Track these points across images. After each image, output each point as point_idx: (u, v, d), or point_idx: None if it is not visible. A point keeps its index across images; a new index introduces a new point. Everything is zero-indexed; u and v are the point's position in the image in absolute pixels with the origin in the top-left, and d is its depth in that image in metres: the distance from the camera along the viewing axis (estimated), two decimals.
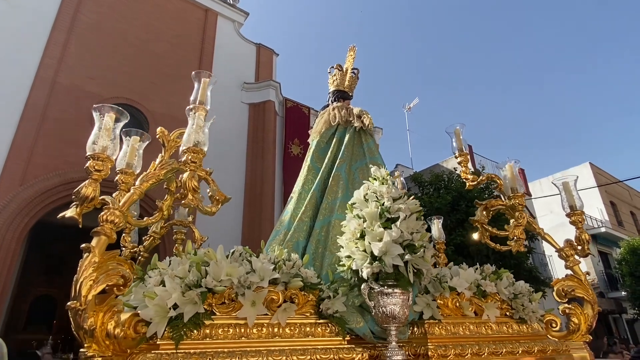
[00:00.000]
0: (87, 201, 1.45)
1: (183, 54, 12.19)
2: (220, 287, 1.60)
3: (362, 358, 1.76)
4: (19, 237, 8.66)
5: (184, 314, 1.50)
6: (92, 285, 1.32)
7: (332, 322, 1.83)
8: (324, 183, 2.90)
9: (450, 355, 1.93)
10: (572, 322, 2.28)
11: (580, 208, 2.37)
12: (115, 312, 1.38)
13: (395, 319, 1.78)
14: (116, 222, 1.44)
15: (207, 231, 3.22)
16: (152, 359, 1.40)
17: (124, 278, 1.38)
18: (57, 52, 10.10)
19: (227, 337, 1.57)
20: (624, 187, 24.23)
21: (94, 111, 1.65)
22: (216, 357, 1.47)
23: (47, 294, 14.88)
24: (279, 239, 2.66)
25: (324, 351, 1.69)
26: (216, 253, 1.73)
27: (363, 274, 1.82)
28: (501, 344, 2.13)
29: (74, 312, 1.32)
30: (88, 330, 1.32)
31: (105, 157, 1.56)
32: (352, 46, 3.85)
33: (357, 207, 2.00)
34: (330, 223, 2.61)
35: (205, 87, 1.98)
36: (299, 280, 1.82)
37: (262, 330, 1.64)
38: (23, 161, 8.81)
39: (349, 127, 3.27)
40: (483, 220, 2.62)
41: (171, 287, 1.54)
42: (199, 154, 1.72)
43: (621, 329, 19.40)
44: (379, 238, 1.80)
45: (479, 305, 2.27)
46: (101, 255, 1.38)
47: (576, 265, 2.33)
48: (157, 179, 1.68)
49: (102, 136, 1.58)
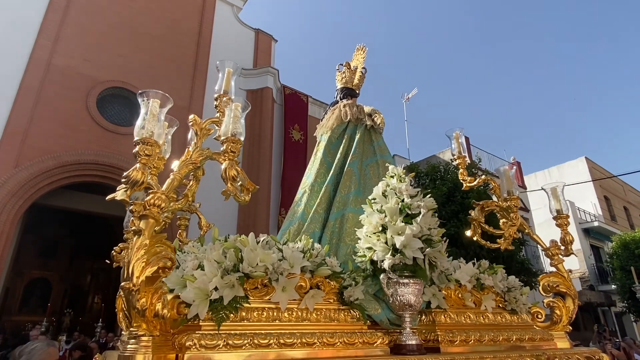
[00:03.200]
0: (137, 185, 1.48)
1: (180, 37, 12.04)
2: (257, 272, 1.70)
3: (383, 342, 1.88)
4: (13, 220, 8.63)
5: (224, 297, 1.59)
6: (145, 267, 1.37)
7: (352, 308, 1.96)
8: (336, 178, 3.04)
9: (457, 341, 2.09)
10: (555, 314, 2.52)
11: (566, 212, 2.63)
12: (162, 294, 1.44)
13: (411, 307, 1.94)
14: (162, 206, 1.48)
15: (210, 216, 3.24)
16: (198, 339, 1.48)
17: (171, 260, 1.43)
18: (52, 33, 9.93)
19: (261, 319, 1.68)
20: (618, 182, 24.46)
21: (139, 96, 1.68)
22: (255, 337, 1.57)
23: (42, 276, 14.92)
24: (293, 228, 2.79)
25: (350, 335, 1.81)
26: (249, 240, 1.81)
27: (384, 265, 1.95)
28: (498, 331, 2.30)
29: (127, 292, 1.38)
30: (140, 310, 1.38)
31: (154, 142, 1.56)
32: (362, 46, 3.96)
33: (377, 202, 2.12)
34: (344, 216, 2.75)
35: (229, 77, 2.00)
36: (327, 268, 1.94)
37: (292, 314, 1.76)
38: (17, 143, 8.72)
39: (360, 124, 3.39)
40: (480, 219, 2.77)
41: (210, 271, 1.62)
42: (237, 144, 1.78)
43: (610, 322, 19.79)
44: (400, 232, 1.93)
45: (477, 296, 2.47)
46: (150, 238, 1.43)
47: (560, 263, 2.55)
48: (194, 166, 1.72)
49: (149, 121, 1.60)
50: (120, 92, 10.70)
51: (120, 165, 9.79)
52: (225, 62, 2.04)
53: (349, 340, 1.78)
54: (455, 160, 2.80)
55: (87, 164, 9.49)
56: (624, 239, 17.15)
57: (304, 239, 2.06)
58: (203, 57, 12.11)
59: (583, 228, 20.20)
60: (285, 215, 11.53)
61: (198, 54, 12.08)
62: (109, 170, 9.78)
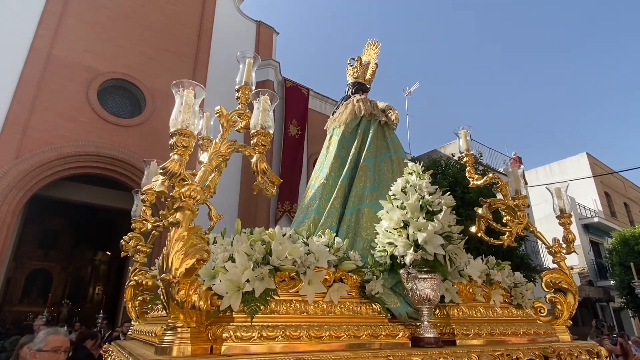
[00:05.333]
0: (175, 177, 1.47)
1: (182, 29, 11.96)
2: (286, 266, 1.73)
3: (404, 335, 1.93)
4: (14, 211, 8.64)
5: (255, 289, 1.61)
6: (184, 258, 1.38)
7: (373, 302, 2.00)
8: (351, 172, 3.08)
9: (471, 334, 2.16)
10: (557, 309, 2.65)
11: (569, 212, 2.73)
12: (198, 285, 1.46)
13: (430, 301, 2.00)
14: (197, 198, 1.48)
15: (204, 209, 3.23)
16: (234, 330, 1.51)
17: (207, 252, 1.44)
18: (53, 24, 9.86)
19: (289, 312, 1.71)
20: (619, 178, 24.43)
21: (174, 87, 1.65)
22: (287, 329, 1.60)
23: (43, 267, 14.98)
24: (309, 220, 2.83)
25: (374, 328, 1.85)
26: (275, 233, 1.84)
27: (406, 260, 2.00)
28: (507, 325, 2.38)
29: (167, 284, 1.39)
30: (180, 302, 1.39)
31: (190, 133, 1.54)
32: (375, 41, 3.95)
33: (398, 198, 2.16)
34: (360, 210, 2.79)
35: (250, 68, 1.98)
36: (352, 262, 1.98)
37: (317, 307, 1.80)
38: (18, 134, 8.70)
39: (373, 120, 3.42)
40: (488, 216, 2.82)
41: (241, 263, 1.65)
42: (268, 137, 1.78)
43: (608, 317, 19.90)
44: (422, 228, 1.98)
45: (486, 291, 2.55)
46: (188, 230, 1.43)
47: (562, 260, 2.64)
48: (224, 158, 1.72)
49: (185, 111, 1.58)
50: (121, 83, 10.66)
51: (121, 157, 9.79)
52: (246, 52, 2.00)
53: (373, 333, 1.82)
54: (462, 158, 2.86)
55: (88, 156, 9.47)
56: (623, 235, 17.17)
57: (327, 233, 2.09)
58: (204, 49, 12.05)
59: (583, 224, 20.23)
60: (283, 209, 11.58)
61: (199, 45, 12.02)
62: (109, 162, 9.78)
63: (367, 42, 4.02)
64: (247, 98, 1.92)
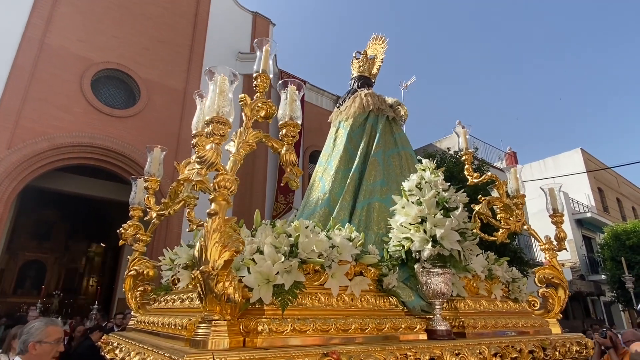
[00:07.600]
0: (212, 166, 1.45)
1: (177, 19, 11.83)
2: (314, 259, 1.74)
3: (421, 327, 1.98)
4: (7, 201, 8.56)
5: (285, 282, 1.63)
6: (222, 250, 1.38)
7: (389, 295, 2.06)
8: (361, 166, 3.11)
9: (479, 327, 2.25)
10: (549, 303, 2.79)
11: (562, 210, 2.82)
12: (233, 277, 1.46)
13: (443, 295, 2.07)
14: (231, 188, 1.46)
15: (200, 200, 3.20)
16: (267, 323, 1.53)
17: (242, 244, 1.44)
18: (46, 12, 9.69)
19: (315, 305, 1.74)
20: (612, 174, 24.64)
21: (207, 74, 1.62)
22: (316, 322, 1.63)
23: (37, 258, 14.91)
24: (319, 213, 2.86)
25: (394, 321, 1.90)
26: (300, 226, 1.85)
27: (423, 255, 2.05)
28: (508, 318, 2.49)
29: (206, 276, 1.38)
30: (218, 295, 1.39)
31: (226, 121, 1.51)
32: (381, 35, 3.93)
33: (414, 194, 2.20)
34: (370, 205, 2.82)
35: (267, 56, 1.92)
36: (372, 256, 2.03)
37: (340, 300, 1.83)
38: (10, 124, 8.58)
39: (381, 115, 3.44)
40: (488, 213, 2.89)
41: (270, 255, 1.65)
42: (296, 128, 1.75)
43: (598, 311, 20.19)
44: (439, 224, 2.03)
45: (487, 286, 2.65)
46: (223, 220, 1.42)
47: (554, 257, 2.75)
48: (251, 148, 1.70)
49: (219, 98, 1.54)
50: (115, 74, 10.53)
51: (115, 148, 9.71)
52: (263, 39, 1.95)
53: (394, 326, 1.86)
54: (458, 153, 2.92)
55: (81, 147, 9.38)
56: (615, 230, 17.41)
57: (347, 227, 2.12)
58: (199, 39, 11.93)
59: (576, 219, 20.44)
60: (281, 202, 11.58)
61: (194, 36, 11.90)
62: (103, 154, 9.69)
63: (372, 37, 4.00)
64: (265, 86, 1.86)
